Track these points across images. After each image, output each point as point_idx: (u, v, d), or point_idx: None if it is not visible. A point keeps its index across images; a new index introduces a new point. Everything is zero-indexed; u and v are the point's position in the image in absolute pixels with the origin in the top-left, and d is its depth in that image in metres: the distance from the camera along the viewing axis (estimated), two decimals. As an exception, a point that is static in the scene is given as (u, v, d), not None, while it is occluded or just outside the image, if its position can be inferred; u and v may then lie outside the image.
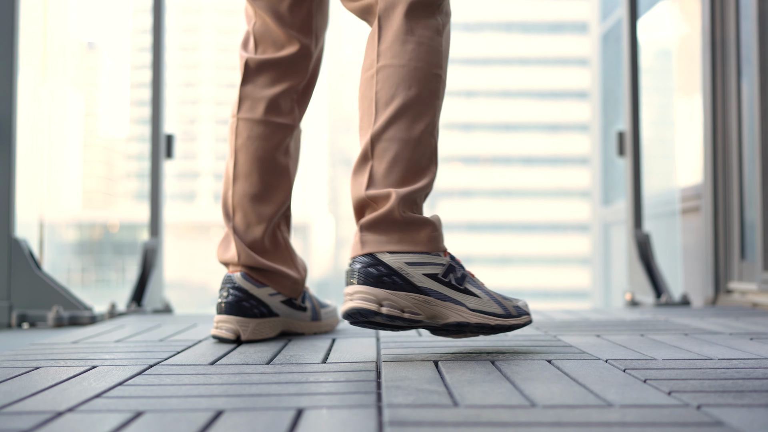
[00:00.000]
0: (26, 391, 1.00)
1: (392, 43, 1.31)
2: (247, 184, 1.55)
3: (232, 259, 1.52)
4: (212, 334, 1.50)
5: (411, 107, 1.29)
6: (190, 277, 31.53)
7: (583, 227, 35.69)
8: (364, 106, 1.32)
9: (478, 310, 1.27)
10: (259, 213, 1.54)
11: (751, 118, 2.61)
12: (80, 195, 5.05)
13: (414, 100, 1.29)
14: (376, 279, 1.22)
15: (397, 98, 1.29)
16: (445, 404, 0.89)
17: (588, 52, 18.74)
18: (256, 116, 1.55)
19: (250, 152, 1.54)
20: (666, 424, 0.79)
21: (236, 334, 1.47)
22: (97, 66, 9.24)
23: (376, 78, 1.30)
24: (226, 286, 1.50)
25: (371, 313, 1.21)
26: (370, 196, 1.26)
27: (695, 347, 1.36)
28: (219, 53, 48.52)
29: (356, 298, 1.21)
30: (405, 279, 1.23)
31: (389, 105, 1.29)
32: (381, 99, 1.29)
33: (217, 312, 1.50)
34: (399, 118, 1.28)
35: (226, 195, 1.56)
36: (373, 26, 1.34)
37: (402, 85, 1.29)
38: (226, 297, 1.49)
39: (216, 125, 43.18)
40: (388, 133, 1.28)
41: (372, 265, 1.23)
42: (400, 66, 1.30)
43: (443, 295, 1.25)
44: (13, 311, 2.28)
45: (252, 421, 0.82)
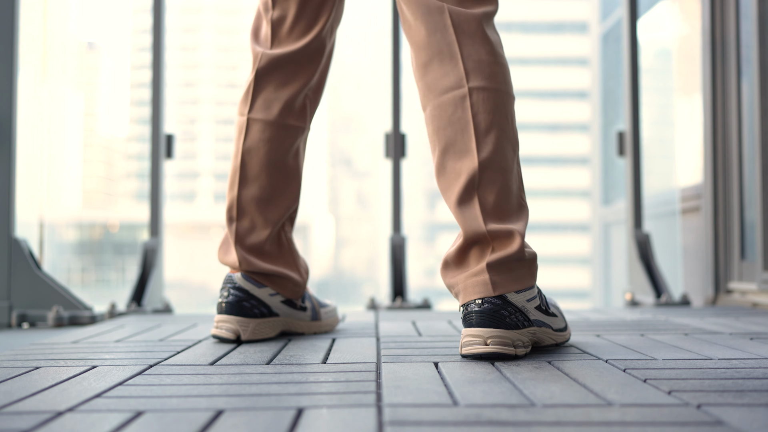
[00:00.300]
0: (26, 391, 1.00)
1: (480, 63, 1.28)
2: (255, 188, 1.51)
3: (233, 264, 1.51)
4: (212, 334, 1.49)
5: (508, 136, 1.28)
6: (190, 277, 31.49)
7: (583, 227, 35.67)
8: (456, 128, 1.28)
9: (558, 329, 1.34)
10: (266, 217, 1.52)
11: (751, 118, 2.61)
12: (80, 195, 5.05)
13: (509, 128, 1.29)
14: (506, 321, 1.23)
15: (495, 126, 1.27)
16: (445, 403, 0.89)
17: (588, 52, 18.75)
18: (270, 117, 1.51)
19: (260, 155, 1.50)
20: (666, 423, 0.79)
21: (236, 333, 1.47)
22: (97, 66, 9.23)
23: (470, 100, 1.27)
24: (226, 286, 1.50)
25: (510, 358, 1.23)
26: (492, 232, 1.25)
27: (695, 347, 1.36)
28: (219, 53, 48.46)
29: (493, 342, 1.22)
30: (525, 316, 1.26)
31: (490, 132, 1.26)
32: (480, 124, 1.26)
33: (218, 312, 1.49)
34: (501, 148, 1.27)
35: (232, 198, 1.52)
36: (446, 34, 1.30)
37: (501, 113, 1.27)
38: (227, 297, 1.48)
39: (216, 125, 43.13)
40: (494, 163, 1.26)
41: (503, 307, 1.24)
42: (494, 90, 1.28)
43: (542, 323, 1.30)
44: (13, 311, 2.28)
45: (252, 421, 0.82)
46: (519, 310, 1.25)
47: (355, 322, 1.84)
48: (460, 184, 1.27)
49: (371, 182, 33.46)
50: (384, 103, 2.91)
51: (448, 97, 1.29)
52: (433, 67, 1.31)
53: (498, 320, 1.23)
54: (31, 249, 2.36)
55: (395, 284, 2.74)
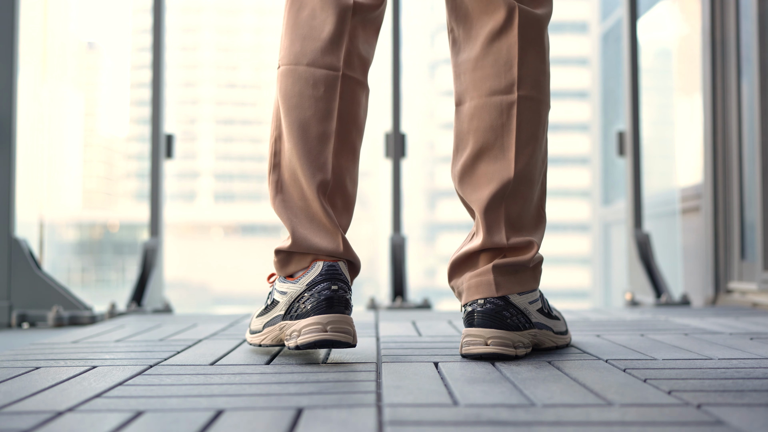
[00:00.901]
0: (26, 391, 1.00)
1: (533, 71, 1.27)
2: (346, 159, 1.28)
3: (335, 250, 1.23)
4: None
5: (542, 148, 1.29)
6: (190, 277, 31.43)
7: (583, 227, 35.61)
8: (498, 134, 1.26)
9: (559, 332, 1.34)
10: (353, 193, 1.32)
11: (751, 118, 2.61)
12: (80, 195, 5.04)
13: (544, 140, 1.29)
14: (507, 323, 1.23)
15: (534, 138, 1.27)
16: (445, 403, 0.88)
17: (588, 52, 18.81)
18: (362, 78, 1.31)
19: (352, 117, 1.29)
20: (666, 423, 0.79)
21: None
22: (97, 66, 9.23)
23: (517, 108, 1.25)
24: (337, 280, 1.21)
25: (509, 358, 1.22)
26: (512, 245, 1.26)
27: (695, 347, 1.36)
28: (219, 53, 48.43)
29: (494, 343, 1.21)
30: (527, 317, 1.26)
31: (528, 144, 1.26)
32: (522, 135, 1.25)
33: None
34: (535, 161, 1.27)
35: (326, 164, 1.24)
36: (510, 35, 1.26)
37: (540, 125, 1.28)
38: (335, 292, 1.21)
39: (216, 125, 43.07)
40: (527, 176, 1.26)
41: (505, 308, 1.23)
42: (540, 101, 1.27)
43: (544, 325, 1.30)
44: (13, 311, 2.28)
45: (252, 421, 0.82)
46: (521, 312, 1.25)
47: (355, 322, 1.84)
48: (491, 190, 1.25)
49: (371, 182, 33.43)
50: (384, 103, 2.91)
51: (495, 100, 1.26)
52: (487, 63, 1.27)
53: (500, 321, 1.22)
54: (31, 249, 2.36)
55: (395, 284, 2.74)
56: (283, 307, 1.24)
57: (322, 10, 1.27)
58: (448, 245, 3.65)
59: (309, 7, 1.28)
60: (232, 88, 47.73)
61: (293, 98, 1.26)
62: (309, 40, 1.27)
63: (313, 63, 1.26)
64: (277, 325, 1.25)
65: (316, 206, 1.24)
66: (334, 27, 1.27)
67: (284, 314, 1.23)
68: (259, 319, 1.32)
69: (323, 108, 1.25)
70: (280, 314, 1.24)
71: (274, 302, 1.27)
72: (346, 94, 1.27)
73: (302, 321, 1.19)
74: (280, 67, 1.30)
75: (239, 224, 37.91)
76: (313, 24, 1.27)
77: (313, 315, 1.18)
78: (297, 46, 1.27)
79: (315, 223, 1.24)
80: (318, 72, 1.26)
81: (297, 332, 1.19)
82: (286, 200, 1.27)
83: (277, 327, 1.25)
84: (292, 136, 1.26)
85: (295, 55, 1.27)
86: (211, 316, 2.16)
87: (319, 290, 1.19)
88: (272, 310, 1.27)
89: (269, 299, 1.29)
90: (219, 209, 41.95)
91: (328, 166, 1.25)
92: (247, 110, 47.78)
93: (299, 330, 1.19)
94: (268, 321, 1.28)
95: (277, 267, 1.27)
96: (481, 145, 1.27)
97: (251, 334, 1.34)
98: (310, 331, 1.17)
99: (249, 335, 1.35)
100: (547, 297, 1.36)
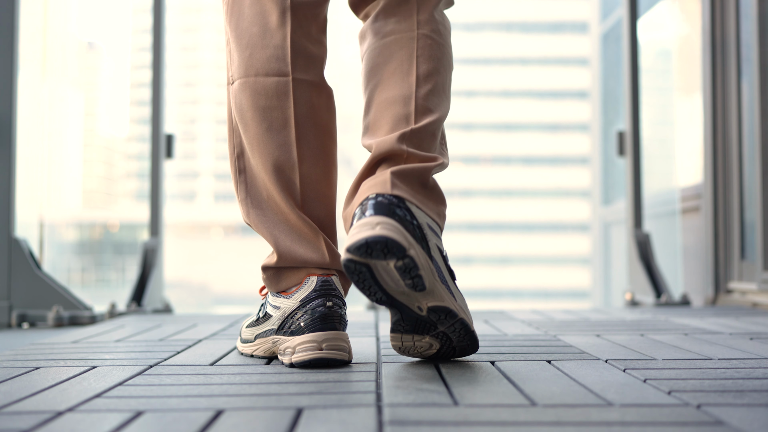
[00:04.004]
0: (26, 391, 1.00)
1: (432, 20, 1.26)
2: (317, 165, 1.26)
3: (322, 261, 1.21)
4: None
5: (444, 89, 1.25)
6: (190, 277, 31.45)
7: (583, 227, 35.65)
8: (401, 56, 1.23)
9: (463, 309, 1.17)
10: (333, 196, 1.29)
11: (751, 118, 2.61)
12: (80, 195, 5.04)
13: (447, 84, 1.27)
14: (402, 221, 1.08)
15: (436, 73, 1.24)
16: (445, 403, 0.88)
17: (588, 52, 18.75)
18: (316, 79, 1.27)
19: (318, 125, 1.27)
20: (666, 423, 0.79)
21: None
22: (97, 66, 9.24)
23: (417, 43, 1.23)
24: (332, 296, 1.19)
25: (399, 249, 1.05)
26: (410, 152, 1.17)
27: (695, 347, 1.36)
28: (219, 53, 48.46)
29: (382, 227, 1.06)
30: (425, 239, 1.12)
31: (431, 77, 1.23)
32: (422, 65, 1.22)
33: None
34: (436, 94, 1.23)
35: (293, 175, 1.23)
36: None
37: (443, 63, 1.25)
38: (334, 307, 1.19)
39: (216, 125, 43.09)
40: (429, 102, 1.21)
41: (399, 207, 1.10)
42: (441, 45, 1.26)
43: (443, 277, 1.14)
44: (13, 311, 2.28)
45: (252, 421, 0.82)
46: (419, 226, 1.11)
47: (355, 322, 1.84)
48: (394, 101, 1.21)
49: (371, 182, 33.27)
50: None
51: (400, 38, 1.25)
52: (391, 15, 1.26)
53: (392, 213, 1.09)
54: (31, 249, 2.36)
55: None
56: (276, 321, 1.22)
57: (261, 16, 1.24)
58: (447, 245, 3.69)
59: (247, 15, 1.25)
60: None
61: (248, 112, 1.23)
62: (253, 48, 1.24)
63: (261, 72, 1.23)
64: (269, 338, 1.24)
65: (293, 217, 1.22)
66: (275, 31, 1.23)
67: (277, 329, 1.21)
68: (251, 329, 1.30)
69: (279, 117, 1.23)
70: (273, 328, 1.22)
71: (266, 315, 1.25)
72: (301, 99, 1.24)
73: (297, 338, 1.17)
74: (233, 83, 1.27)
75: (239, 224, 37.90)
76: (253, 31, 1.24)
77: (307, 332, 1.16)
78: (244, 57, 1.24)
79: (295, 233, 1.22)
80: (268, 81, 1.23)
81: (291, 349, 1.17)
82: (261, 215, 1.24)
83: (269, 340, 1.24)
84: (254, 151, 1.23)
85: (244, 67, 1.24)
86: (211, 316, 2.16)
87: (313, 307, 1.16)
88: (265, 323, 1.26)
89: (261, 311, 1.28)
90: (219, 209, 41.94)
91: (295, 177, 1.22)
92: (247, 110, 47.24)
93: (293, 347, 1.17)
94: (260, 333, 1.27)
95: (267, 284, 1.25)
96: (387, 65, 1.25)
97: (242, 343, 1.32)
98: (306, 349, 1.15)
99: (240, 344, 1.33)
100: (547, 297, 1.35)
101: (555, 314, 2.08)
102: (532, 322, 1.83)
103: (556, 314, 2.08)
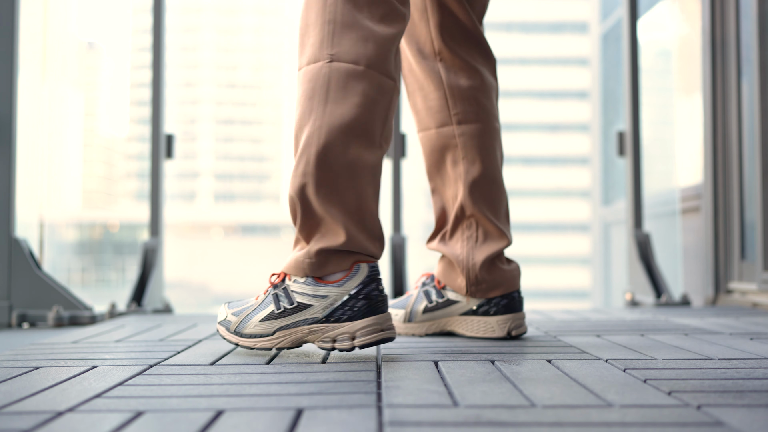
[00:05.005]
0: (26, 391, 1.00)
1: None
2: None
3: (380, 253, 1.31)
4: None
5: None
6: (190, 277, 31.47)
7: (583, 227, 35.64)
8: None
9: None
10: None
11: (751, 118, 2.61)
12: (80, 195, 5.04)
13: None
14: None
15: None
16: (445, 404, 0.89)
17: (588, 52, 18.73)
18: (398, 85, 1.39)
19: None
20: (666, 424, 0.79)
21: None
22: (97, 66, 9.24)
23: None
24: (380, 281, 1.32)
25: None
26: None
27: (695, 347, 1.36)
28: (219, 53, 48.43)
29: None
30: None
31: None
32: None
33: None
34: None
35: (378, 171, 1.34)
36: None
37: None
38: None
39: (216, 125, 43.07)
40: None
41: None
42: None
43: None
44: (13, 311, 2.28)
45: (252, 421, 0.82)
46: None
47: (355, 322, 1.84)
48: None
49: (371, 182, 33.29)
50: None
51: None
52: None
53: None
54: (31, 249, 2.36)
55: (395, 284, 2.74)
56: (321, 310, 1.23)
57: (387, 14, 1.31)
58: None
59: (366, 8, 1.29)
60: (232, 89, 47.52)
61: (358, 97, 1.26)
62: (373, 43, 1.28)
63: (380, 70, 1.28)
64: (303, 327, 1.25)
65: (373, 205, 1.29)
66: (393, 33, 1.30)
67: (324, 317, 1.24)
68: (269, 322, 1.27)
69: (383, 116, 1.29)
70: (316, 317, 1.24)
71: (299, 306, 1.25)
72: (395, 104, 1.33)
73: (356, 323, 1.23)
74: (332, 61, 1.27)
75: (239, 224, 37.96)
76: (373, 28, 1.28)
77: (369, 316, 1.23)
78: (359, 46, 1.27)
79: (368, 225, 1.27)
80: (385, 81, 1.29)
81: (350, 334, 1.23)
82: (339, 200, 1.25)
83: (303, 330, 1.25)
84: (355, 137, 1.26)
85: (364, 56, 1.27)
86: (211, 316, 2.16)
87: (369, 293, 1.24)
88: (296, 314, 1.25)
89: (281, 302, 1.26)
90: (219, 209, 41.80)
91: (379, 173, 1.32)
92: (247, 110, 47.70)
93: (354, 332, 1.23)
94: (286, 324, 1.26)
95: (311, 268, 1.25)
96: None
97: (250, 338, 1.29)
98: (371, 332, 1.23)
99: (245, 339, 1.30)
100: (547, 297, 1.36)
101: (555, 314, 2.08)
102: (532, 322, 1.83)
103: (556, 314, 2.08)
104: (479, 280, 1.50)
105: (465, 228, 1.53)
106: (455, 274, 1.53)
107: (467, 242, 1.53)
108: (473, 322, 1.51)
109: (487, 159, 1.53)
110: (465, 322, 1.52)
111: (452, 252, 1.53)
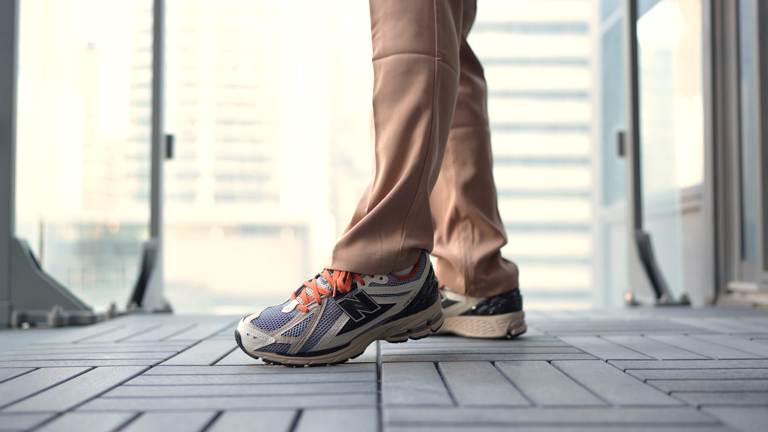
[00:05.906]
0: (26, 391, 1.00)
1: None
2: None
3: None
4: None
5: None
6: (190, 277, 31.44)
7: (583, 227, 35.64)
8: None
9: None
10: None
11: (751, 118, 2.61)
12: (80, 195, 5.04)
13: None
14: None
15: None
16: (445, 404, 0.89)
17: (588, 52, 18.70)
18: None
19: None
20: (666, 424, 0.79)
21: None
22: (97, 66, 9.24)
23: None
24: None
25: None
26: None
27: (695, 347, 1.36)
28: (219, 53, 48.42)
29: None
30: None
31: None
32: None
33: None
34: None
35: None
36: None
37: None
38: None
39: (216, 125, 43.05)
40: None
41: None
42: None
43: None
44: (13, 311, 2.28)
45: (252, 421, 0.82)
46: None
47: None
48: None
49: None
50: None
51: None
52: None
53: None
54: (31, 249, 2.36)
55: (395, 284, 2.74)
56: (403, 305, 1.24)
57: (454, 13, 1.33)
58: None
59: (459, 23, 1.33)
60: (232, 89, 47.46)
61: (451, 98, 1.30)
62: (454, 42, 1.30)
63: (456, 67, 1.30)
64: (382, 327, 1.23)
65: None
66: (458, 31, 1.34)
67: (403, 310, 1.24)
68: (345, 334, 1.20)
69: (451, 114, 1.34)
70: (394, 314, 1.23)
71: (381, 308, 1.22)
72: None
73: (430, 309, 1.28)
74: (444, 61, 1.27)
75: (239, 224, 37.91)
76: (450, 23, 1.29)
77: (435, 301, 1.29)
78: (453, 45, 1.29)
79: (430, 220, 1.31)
80: (456, 78, 1.31)
81: (426, 321, 1.28)
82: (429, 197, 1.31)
83: (382, 329, 1.23)
84: (444, 137, 1.29)
85: (453, 54, 1.29)
86: (211, 316, 2.16)
87: (432, 278, 1.29)
88: (375, 318, 1.22)
89: (362, 309, 1.21)
90: (219, 209, 41.70)
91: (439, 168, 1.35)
92: (247, 110, 47.63)
93: (430, 318, 1.28)
94: (364, 330, 1.22)
95: (400, 266, 1.23)
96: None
97: (324, 355, 1.20)
98: (439, 317, 1.30)
99: (316, 357, 1.20)
100: (547, 297, 1.36)
101: (555, 314, 2.08)
102: (532, 322, 1.83)
103: (556, 314, 2.08)
104: (478, 279, 1.51)
105: (461, 230, 1.54)
106: (453, 274, 1.53)
107: (464, 243, 1.53)
108: (473, 323, 1.51)
109: (478, 161, 1.55)
110: (464, 323, 1.52)
111: (450, 254, 1.54)
